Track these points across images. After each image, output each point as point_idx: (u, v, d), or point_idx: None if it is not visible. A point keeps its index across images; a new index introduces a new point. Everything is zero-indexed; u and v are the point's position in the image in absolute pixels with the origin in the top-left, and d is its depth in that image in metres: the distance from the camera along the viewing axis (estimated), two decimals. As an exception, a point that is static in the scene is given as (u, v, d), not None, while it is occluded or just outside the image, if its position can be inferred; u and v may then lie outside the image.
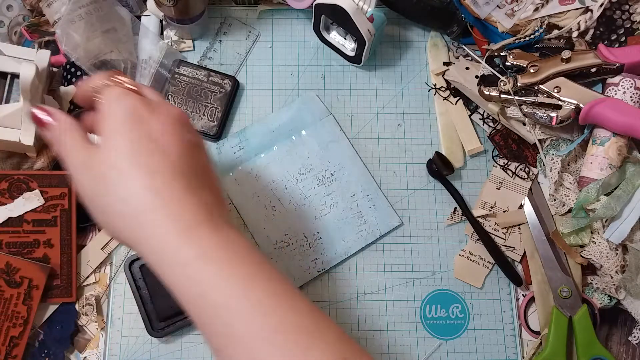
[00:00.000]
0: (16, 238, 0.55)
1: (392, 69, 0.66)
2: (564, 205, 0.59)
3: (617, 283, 0.55)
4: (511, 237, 0.60)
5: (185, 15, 0.60)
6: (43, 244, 0.55)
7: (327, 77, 0.65)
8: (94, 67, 0.57)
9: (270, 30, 0.66)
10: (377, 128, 0.63)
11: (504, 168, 0.62)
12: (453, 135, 0.63)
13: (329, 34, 0.65)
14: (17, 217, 0.55)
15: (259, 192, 0.60)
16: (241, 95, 0.64)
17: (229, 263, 0.32)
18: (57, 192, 0.56)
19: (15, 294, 0.53)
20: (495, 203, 0.61)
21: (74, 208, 0.56)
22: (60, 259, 0.55)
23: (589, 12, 0.60)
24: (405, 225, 0.61)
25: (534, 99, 0.58)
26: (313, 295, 0.58)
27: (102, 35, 0.57)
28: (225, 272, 0.32)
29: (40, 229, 0.55)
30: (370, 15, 0.59)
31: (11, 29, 0.62)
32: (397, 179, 0.62)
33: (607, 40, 0.61)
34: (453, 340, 0.57)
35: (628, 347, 0.57)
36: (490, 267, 0.59)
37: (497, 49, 0.62)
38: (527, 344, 0.58)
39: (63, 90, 0.58)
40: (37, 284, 0.54)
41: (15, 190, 0.55)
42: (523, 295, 0.59)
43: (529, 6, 0.61)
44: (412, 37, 0.67)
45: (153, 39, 0.62)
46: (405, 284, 0.59)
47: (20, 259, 0.54)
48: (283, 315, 0.32)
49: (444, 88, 0.64)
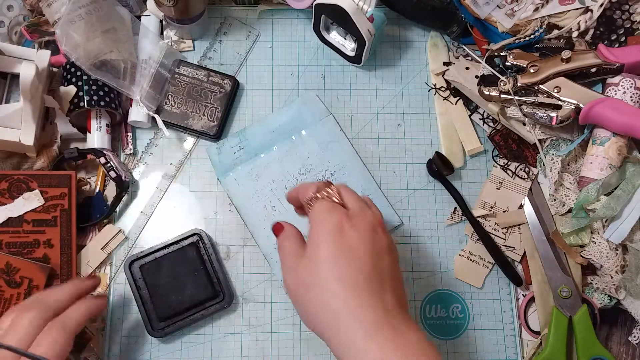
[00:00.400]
0: (16, 238, 0.55)
1: (392, 69, 0.66)
2: (564, 205, 0.59)
3: (617, 283, 0.55)
4: (511, 237, 0.60)
5: (185, 15, 0.60)
6: (43, 244, 0.55)
7: (327, 77, 0.65)
8: (94, 67, 0.57)
9: (270, 30, 0.66)
10: (377, 128, 0.64)
11: (504, 168, 0.62)
12: (453, 135, 0.63)
13: (329, 34, 0.65)
14: (17, 217, 0.55)
15: (259, 192, 0.60)
16: (241, 95, 0.64)
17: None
18: (57, 192, 0.56)
19: (16, 294, 0.53)
20: (495, 203, 0.61)
21: (74, 208, 0.56)
22: (60, 259, 0.55)
23: (589, 12, 0.60)
24: (405, 225, 0.61)
25: (534, 99, 0.58)
26: (313, 295, 0.58)
27: (102, 35, 0.57)
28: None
29: (40, 229, 0.55)
30: (370, 15, 0.59)
31: (11, 29, 0.62)
32: (397, 179, 0.62)
33: (607, 40, 0.61)
34: (453, 340, 0.57)
35: (628, 347, 0.57)
36: (490, 267, 0.59)
37: (497, 49, 0.62)
38: (527, 344, 0.58)
39: (63, 90, 0.58)
40: (37, 284, 0.54)
41: (15, 190, 0.55)
42: (523, 295, 0.59)
43: (529, 6, 0.61)
44: (412, 37, 0.67)
45: (153, 39, 0.62)
46: (406, 284, 0.59)
47: (20, 259, 0.54)
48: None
49: (444, 88, 0.64)
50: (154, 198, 0.60)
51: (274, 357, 0.56)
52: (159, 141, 0.62)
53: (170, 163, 0.61)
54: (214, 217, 0.60)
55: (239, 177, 0.60)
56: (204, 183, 0.61)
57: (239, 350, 0.56)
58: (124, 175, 0.58)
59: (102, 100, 0.58)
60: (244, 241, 0.59)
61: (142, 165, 0.61)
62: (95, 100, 0.57)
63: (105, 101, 0.58)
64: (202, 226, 0.59)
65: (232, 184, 0.60)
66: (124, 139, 0.61)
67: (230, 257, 0.59)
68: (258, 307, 0.58)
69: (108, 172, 0.58)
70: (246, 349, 0.56)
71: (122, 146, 0.61)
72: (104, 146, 0.59)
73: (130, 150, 0.61)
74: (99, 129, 0.59)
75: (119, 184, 0.58)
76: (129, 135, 0.61)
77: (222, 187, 0.60)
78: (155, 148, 0.62)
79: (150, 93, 0.60)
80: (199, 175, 0.61)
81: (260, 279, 0.58)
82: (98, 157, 0.58)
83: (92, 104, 0.57)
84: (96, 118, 0.59)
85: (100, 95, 0.58)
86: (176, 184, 0.61)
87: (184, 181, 0.61)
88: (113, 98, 0.59)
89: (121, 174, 0.58)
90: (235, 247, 0.59)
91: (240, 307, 0.58)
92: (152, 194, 0.60)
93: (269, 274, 0.58)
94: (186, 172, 0.61)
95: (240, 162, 0.61)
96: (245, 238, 0.59)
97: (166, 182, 0.60)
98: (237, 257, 0.59)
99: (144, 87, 0.60)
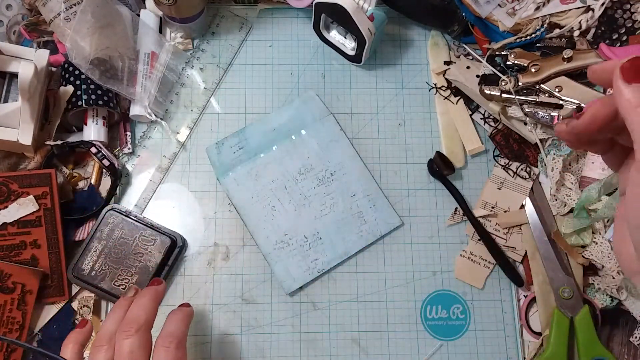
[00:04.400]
0: (2, 241, 0.54)
1: (392, 68, 0.65)
2: (565, 205, 0.58)
3: (618, 284, 0.55)
4: (512, 237, 0.59)
5: (184, 14, 0.60)
6: (30, 244, 0.55)
7: (327, 77, 0.65)
8: (92, 65, 0.56)
9: (270, 29, 0.66)
10: (377, 128, 0.63)
11: (505, 168, 0.61)
12: (454, 134, 0.63)
13: (329, 33, 0.64)
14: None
15: (259, 192, 0.60)
16: (241, 95, 0.64)
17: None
18: (38, 192, 0.55)
19: (9, 299, 0.53)
20: (496, 203, 0.60)
21: (57, 206, 0.55)
22: (49, 258, 0.55)
23: (590, 11, 0.60)
24: (406, 226, 0.60)
25: (535, 98, 0.58)
26: (313, 295, 0.58)
27: (100, 32, 0.57)
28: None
29: (25, 230, 0.55)
30: (370, 14, 0.59)
31: (10, 28, 0.62)
32: (398, 179, 0.62)
33: (609, 40, 0.61)
34: (454, 341, 0.57)
35: (629, 347, 0.57)
36: (491, 267, 0.59)
37: (498, 48, 0.62)
38: (529, 344, 0.57)
39: (62, 90, 0.58)
40: (31, 289, 0.53)
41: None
42: (524, 295, 0.58)
43: (530, 5, 0.61)
44: (412, 36, 0.67)
45: (154, 36, 0.61)
46: (406, 285, 0.59)
47: (11, 265, 0.53)
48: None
49: (445, 87, 0.64)
50: (147, 191, 0.60)
51: (273, 357, 0.56)
52: (153, 134, 0.61)
53: (164, 156, 0.61)
54: (213, 217, 0.60)
55: (239, 177, 0.60)
56: (203, 183, 0.61)
57: (238, 351, 0.56)
58: (117, 162, 0.58)
59: (101, 99, 0.58)
60: (243, 241, 0.59)
61: (135, 158, 0.61)
62: (94, 99, 0.57)
63: (103, 100, 0.58)
64: (202, 226, 0.59)
65: (231, 184, 0.60)
66: (122, 137, 0.61)
67: (230, 257, 0.59)
68: (258, 307, 0.57)
69: (101, 160, 0.57)
70: (246, 350, 0.56)
71: (120, 144, 0.61)
72: (100, 139, 0.59)
73: (129, 149, 0.61)
74: (95, 122, 0.59)
75: (112, 172, 0.58)
76: (128, 134, 0.61)
77: (221, 187, 0.60)
78: (149, 141, 0.61)
79: (158, 99, 0.60)
80: (198, 175, 0.61)
81: (260, 279, 0.58)
82: (89, 148, 0.57)
83: (91, 103, 0.57)
84: (93, 116, 0.59)
85: (98, 94, 0.57)
86: (175, 183, 0.61)
87: (183, 181, 0.61)
88: (111, 97, 0.59)
89: (114, 161, 0.58)
90: (235, 247, 0.59)
91: (240, 307, 0.57)
92: (145, 187, 0.60)
93: (269, 274, 0.58)
94: (185, 171, 0.61)
95: (239, 162, 0.60)
96: (245, 238, 0.59)
97: (159, 174, 0.60)
98: (237, 257, 0.59)
99: (152, 92, 0.60)
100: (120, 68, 0.59)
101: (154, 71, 0.60)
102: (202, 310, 0.57)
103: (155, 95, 0.60)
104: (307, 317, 0.57)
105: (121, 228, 0.56)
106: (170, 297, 0.57)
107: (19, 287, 0.53)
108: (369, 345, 0.57)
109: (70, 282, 0.56)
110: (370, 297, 0.58)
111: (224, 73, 0.64)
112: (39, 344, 0.54)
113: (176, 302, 0.57)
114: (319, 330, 0.57)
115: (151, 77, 0.60)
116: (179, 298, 0.57)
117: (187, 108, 0.62)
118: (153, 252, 0.56)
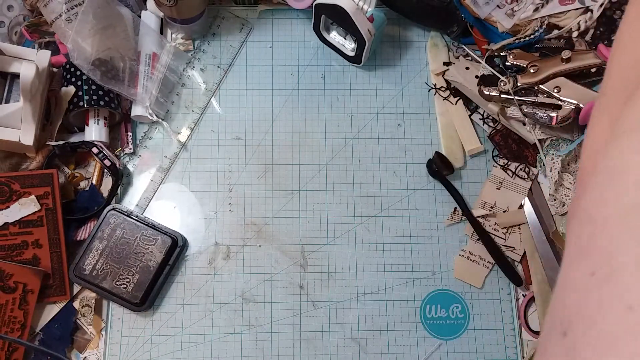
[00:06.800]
0: (3, 241, 0.54)
1: (392, 69, 0.66)
2: (564, 205, 0.58)
3: (617, 283, 0.55)
4: (511, 237, 0.60)
5: (185, 15, 0.60)
6: (31, 244, 0.55)
7: (327, 77, 0.65)
8: (93, 66, 0.57)
9: (270, 30, 0.66)
10: (377, 128, 0.63)
11: (504, 168, 0.62)
12: (453, 135, 0.63)
13: (329, 34, 0.65)
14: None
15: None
16: (242, 95, 0.64)
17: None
18: (40, 192, 0.55)
19: (11, 299, 0.53)
20: (495, 203, 0.60)
21: (59, 206, 0.56)
22: (51, 258, 0.55)
23: (589, 12, 0.60)
24: (406, 225, 0.61)
25: (534, 99, 0.58)
26: (313, 295, 0.58)
27: (101, 33, 0.57)
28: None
29: (27, 230, 0.55)
30: (370, 15, 0.59)
31: (11, 29, 0.62)
32: (397, 179, 0.62)
33: (607, 40, 0.61)
34: (453, 340, 0.57)
35: (628, 347, 0.57)
36: (490, 267, 0.59)
37: (497, 49, 0.62)
38: (528, 344, 0.57)
39: (64, 91, 0.58)
40: (32, 288, 0.53)
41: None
42: (523, 295, 0.59)
43: (529, 6, 0.61)
44: (412, 37, 0.67)
45: (155, 37, 0.62)
46: (405, 284, 0.59)
47: (12, 264, 0.53)
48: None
49: (444, 88, 0.64)
50: (149, 191, 0.60)
51: (274, 357, 0.56)
52: (154, 134, 0.62)
53: (165, 156, 0.61)
54: (213, 217, 0.60)
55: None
56: (203, 183, 0.61)
57: (239, 350, 0.56)
58: (118, 163, 0.58)
59: (102, 99, 0.58)
60: (244, 241, 0.59)
61: (137, 158, 0.61)
62: (95, 99, 0.57)
63: (104, 101, 0.58)
64: (202, 226, 0.59)
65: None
66: (123, 138, 0.61)
67: (231, 256, 0.59)
68: (258, 307, 0.58)
69: (102, 161, 0.58)
70: (246, 349, 0.56)
71: (122, 145, 0.61)
72: (101, 139, 0.59)
73: (130, 149, 0.61)
74: (96, 122, 0.59)
75: (114, 172, 0.58)
76: (129, 134, 0.61)
77: (221, 187, 0.60)
78: (150, 141, 0.62)
79: (159, 100, 0.61)
80: (199, 175, 0.61)
81: (260, 279, 0.58)
82: (90, 149, 0.58)
83: (92, 103, 0.57)
84: (94, 116, 0.59)
85: (99, 94, 0.58)
86: (176, 183, 0.61)
87: (184, 181, 0.61)
88: (113, 98, 0.59)
89: (115, 162, 0.58)
90: (235, 247, 0.59)
91: (241, 307, 0.58)
92: (146, 187, 0.60)
93: (269, 274, 0.58)
94: (186, 172, 0.61)
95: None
96: (245, 238, 0.59)
97: (160, 175, 0.61)
98: (237, 257, 0.59)
99: (153, 93, 0.60)
100: (121, 69, 0.59)
101: (155, 72, 0.61)
102: (203, 309, 0.57)
103: (156, 96, 0.61)
104: (307, 317, 0.58)
105: (122, 228, 0.56)
106: (171, 296, 0.58)
107: (20, 286, 0.53)
108: (368, 344, 0.57)
109: (72, 282, 0.56)
110: (369, 297, 0.58)
111: (225, 74, 0.64)
112: (40, 343, 0.54)
113: (177, 301, 0.57)
114: (319, 329, 0.57)
115: (152, 77, 0.60)
116: (179, 298, 0.58)
117: (188, 108, 0.63)
118: (154, 252, 0.56)
